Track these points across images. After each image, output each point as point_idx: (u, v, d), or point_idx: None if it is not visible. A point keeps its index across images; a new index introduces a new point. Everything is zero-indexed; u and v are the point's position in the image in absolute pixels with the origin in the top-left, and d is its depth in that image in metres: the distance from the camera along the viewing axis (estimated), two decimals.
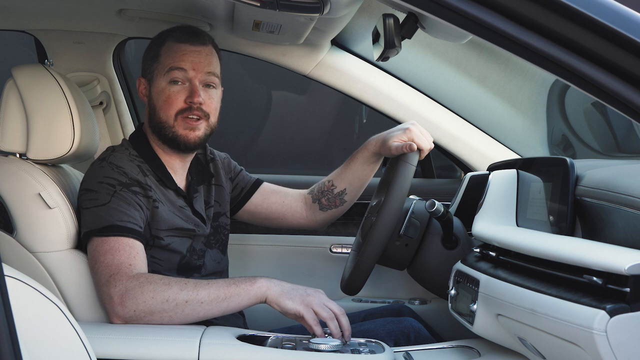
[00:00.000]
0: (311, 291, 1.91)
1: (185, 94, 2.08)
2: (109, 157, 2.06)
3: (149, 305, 1.84)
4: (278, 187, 2.45)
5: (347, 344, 1.83)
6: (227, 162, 2.38)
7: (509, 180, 2.02)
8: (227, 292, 1.88)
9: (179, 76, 2.08)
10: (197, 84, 2.08)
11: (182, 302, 1.85)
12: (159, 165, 2.12)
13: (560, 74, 1.30)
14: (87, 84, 2.81)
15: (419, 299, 2.60)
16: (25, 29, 2.78)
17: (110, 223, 1.94)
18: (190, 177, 2.22)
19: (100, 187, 1.99)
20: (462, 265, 1.94)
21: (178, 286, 1.86)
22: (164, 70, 2.09)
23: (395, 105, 2.71)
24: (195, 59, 2.09)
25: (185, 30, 2.15)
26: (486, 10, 1.29)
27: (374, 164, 2.34)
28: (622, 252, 1.41)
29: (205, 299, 1.86)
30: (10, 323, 1.03)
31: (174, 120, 2.08)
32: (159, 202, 2.06)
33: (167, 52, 2.11)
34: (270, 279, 1.92)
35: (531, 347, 1.62)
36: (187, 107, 2.08)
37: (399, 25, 1.63)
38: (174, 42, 2.11)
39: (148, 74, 2.15)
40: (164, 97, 2.09)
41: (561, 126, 2.86)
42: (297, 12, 1.99)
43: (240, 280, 1.90)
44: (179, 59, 2.09)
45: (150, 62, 2.15)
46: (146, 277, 1.88)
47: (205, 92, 2.11)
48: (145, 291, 1.85)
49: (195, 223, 2.14)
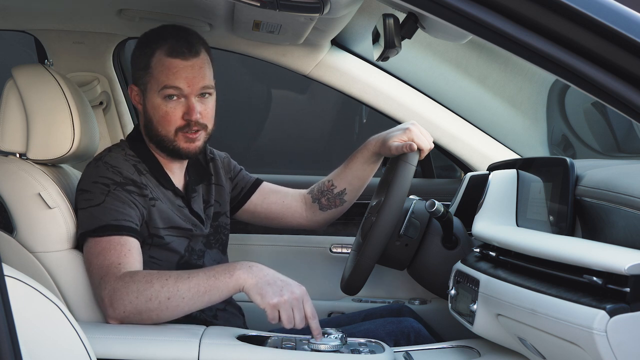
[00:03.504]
0: (287, 290, 1.82)
1: (182, 110, 2.05)
2: (105, 157, 2.05)
3: (135, 305, 1.83)
4: (278, 187, 2.44)
5: (346, 342, 1.82)
6: (227, 161, 2.38)
7: (509, 180, 2.02)
8: (206, 285, 1.83)
9: (174, 93, 2.04)
10: (192, 100, 2.04)
11: (164, 300, 1.83)
12: (157, 166, 2.12)
13: (560, 74, 1.30)
14: (87, 84, 2.81)
15: (419, 299, 2.60)
16: (25, 29, 2.78)
17: (104, 223, 1.93)
18: (188, 177, 2.21)
19: (94, 187, 1.98)
20: (462, 265, 1.94)
21: (159, 283, 1.83)
22: (158, 87, 2.04)
23: (395, 105, 2.71)
24: (189, 74, 2.04)
25: (174, 39, 2.07)
26: (486, 10, 1.29)
27: (374, 164, 2.34)
28: (622, 252, 1.41)
29: (186, 294, 1.83)
30: (10, 323, 1.03)
31: (174, 136, 2.06)
32: (158, 199, 2.05)
33: (159, 68, 2.04)
34: (251, 267, 1.84)
35: (531, 347, 1.62)
36: (185, 124, 2.05)
37: (399, 25, 1.63)
38: (165, 57, 2.04)
39: (140, 84, 2.10)
40: (160, 113, 2.05)
41: (561, 126, 2.86)
42: (297, 12, 1.99)
43: (220, 272, 1.84)
44: (172, 77, 2.03)
45: (141, 72, 2.09)
46: (130, 276, 1.86)
47: (201, 102, 2.06)
48: (130, 291, 1.83)
49: (193, 223, 2.14)
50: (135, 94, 2.12)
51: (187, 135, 2.06)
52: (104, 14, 2.54)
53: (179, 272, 1.88)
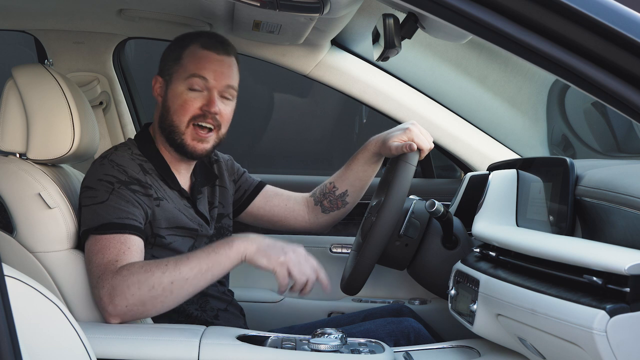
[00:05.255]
0: (289, 249, 1.90)
1: (202, 102, 2.07)
2: (110, 155, 2.05)
3: (138, 296, 1.83)
4: (281, 190, 2.44)
5: (346, 342, 1.82)
6: (230, 164, 2.38)
7: (509, 180, 2.02)
8: (208, 262, 1.87)
9: (199, 84, 2.06)
10: (215, 94, 2.07)
11: (168, 285, 1.84)
12: (164, 165, 2.12)
13: (560, 74, 1.30)
14: (87, 84, 2.81)
15: (419, 299, 2.60)
16: (25, 29, 2.78)
17: (107, 221, 1.93)
18: (195, 179, 2.21)
19: (99, 184, 1.98)
20: (462, 265, 1.94)
21: (160, 270, 1.85)
22: (185, 75, 2.07)
23: (395, 105, 2.71)
24: (218, 68, 2.07)
25: (212, 36, 2.13)
26: (486, 10, 1.29)
27: (375, 165, 2.34)
28: (622, 252, 1.41)
29: (189, 274, 1.85)
30: (10, 323, 1.03)
31: (185, 127, 2.07)
32: (163, 199, 2.05)
33: (191, 57, 2.08)
34: (248, 236, 1.90)
35: (531, 347, 1.62)
36: (201, 114, 2.07)
37: (399, 25, 1.63)
38: (199, 48, 2.09)
39: (166, 75, 2.12)
40: (180, 102, 2.07)
41: (561, 126, 2.86)
42: (297, 12, 2.00)
43: (219, 246, 1.89)
44: (202, 66, 2.07)
45: (170, 62, 2.12)
46: (128, 269, 1.86)
47: (222, 102, 2.09)
48: (131, 284, 1.83)
49: (199, 223, 2.14)
50: (159, 85, 2.14)
51: (198, 131, 2.07)
52: (104, 14, 2.54)
53: (177, 257, 1.90)
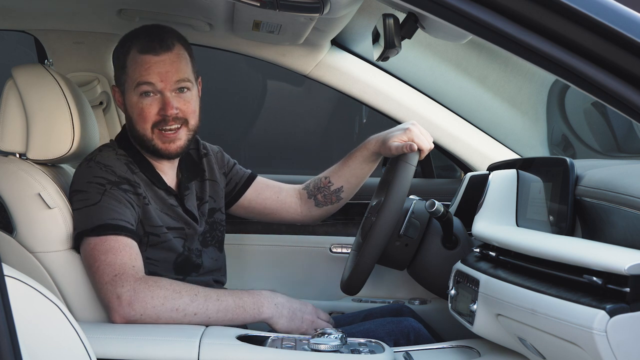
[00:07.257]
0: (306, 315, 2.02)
1: (157, 106, 2.04)
2: (96, 157, 2.04)
3: (157, 311, 1.85)
4: (272, 182, 2.44)
5: (346, 342, 1.83)
6: (220, 155, 2.36)
7: (508, 180, 2.02)
8: (233, 314, 1.92)
9: (149, 89, 2.03)
10: (168, 95, 2.03)
11: (190, 314, 1.87)
12: (147, 166, 2.11)
13: (560, 74, 1.30)
14: (87, 84, 2.81)
15: (419, 299, 2.60)
16: (25, 29, 2.78)
17: (102, 222, 1.93)
18: (181, 175, 2.21)
19: (89, 187, 1.98)
20: (462, 265, 1.94)
21: (189, 297, 1.88)
22: (133, 85, 2.04)
23: (395, 105, 2.71)
24: (162, 69, 2.03)
25: (148, 34, 2.06)
26: (486, 10, 1.29)
27: (373, 163, 2.34)
28: (622, 252, 1.41)
29: (213, 315, 1.90)
30: (10, 323, 1.03)
31: (151, 134, 2.05)
32: (148, 200, 2.05)
33: (133, 65, 2.04)
34: (277, 304, 1.98)
35: (531, 347, 1.62)
36: (161, 119, 2.04)
37: (399, 25, 1.63)
38: (137, 54, 2.04)
39: (120, 84, 2.11)
40: (137, 111, 2.05)
41: (561, 126, 2.86)
42: (297, 12, 1.99)
43: (248, 304, 1.94)
44: (144, 72, 2.02)
45: (119, 72, 2.10)
46: (155, 281, 1.88)
47: (179, 98, 2.05)
48: (156, 297, 1.85)
49: (186, 221, 2.13)
50: (118, 96, 2.13)
51: (164, 134, 2.05)
52: (104, 14, 2.54)
53: (206, 290, 1.93)
